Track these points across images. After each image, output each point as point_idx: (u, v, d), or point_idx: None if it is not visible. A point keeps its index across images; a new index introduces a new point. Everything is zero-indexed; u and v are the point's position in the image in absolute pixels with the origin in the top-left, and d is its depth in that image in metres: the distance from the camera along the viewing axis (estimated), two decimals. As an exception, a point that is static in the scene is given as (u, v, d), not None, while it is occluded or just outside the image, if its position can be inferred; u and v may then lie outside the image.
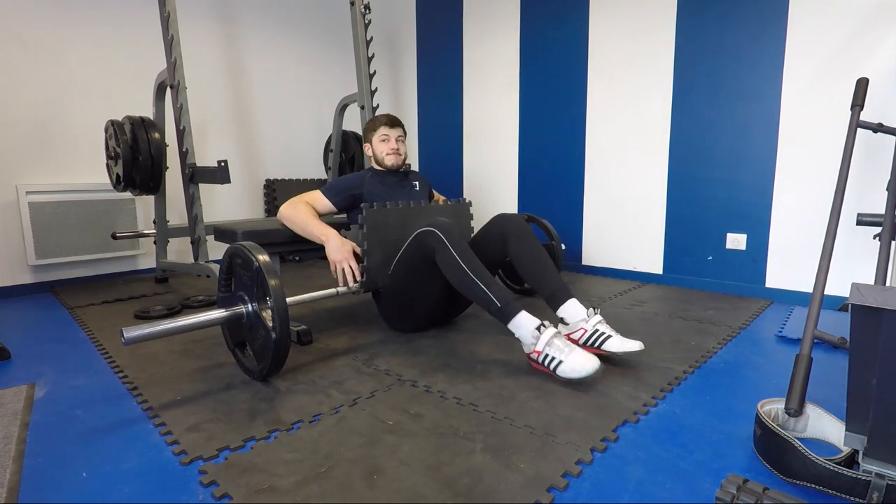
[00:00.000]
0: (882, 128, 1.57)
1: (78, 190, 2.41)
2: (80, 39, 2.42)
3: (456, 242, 1.42)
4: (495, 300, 1.35)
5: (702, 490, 0.86)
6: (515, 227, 1.65)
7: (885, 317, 0.68)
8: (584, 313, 1.49)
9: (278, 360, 1.25)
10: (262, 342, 1.27)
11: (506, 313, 1.35)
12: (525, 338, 1.35)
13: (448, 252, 1.41)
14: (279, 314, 1.20)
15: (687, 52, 2.28)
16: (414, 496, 0.84)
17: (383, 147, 1.88)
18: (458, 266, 1.40)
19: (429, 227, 1.47)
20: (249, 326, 1.32)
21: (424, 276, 1.54)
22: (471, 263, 1.40)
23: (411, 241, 1.54)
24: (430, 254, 1.46)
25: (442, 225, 1.46)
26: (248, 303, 1.31)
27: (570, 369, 1.25)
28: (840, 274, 1.92)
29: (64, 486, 0.90)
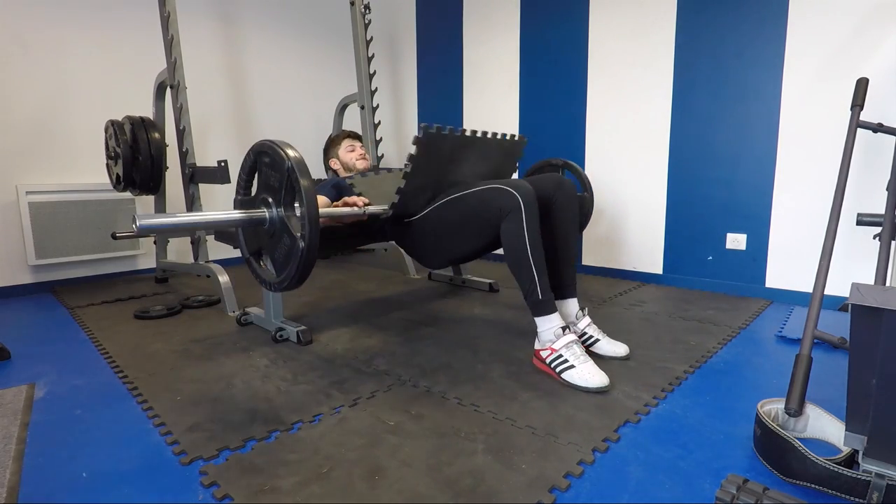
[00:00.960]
0: (882, 128, 1.57)
1: (78, 190, 2.41)
2: (80, 39, 2.42)
3: (531, 217, 1.34)
4: (539, 291, 1.34)
5: (702, 490, 0.86)
6: (566, 200, 1.54)
7: (885, 317, 0.68)
8: (574, 314, 1.52)
9: (303, 272, 1.13)
10: (286, 251, 1.15)
11: (543, 306, 1.35)
12: (546, 334, 1.34)
13: (520, 226, 1.33)
14: (310, 221, 1.08)
15: (687, 51, 2.29)
16: (415, 497, 0.84)
17: (352, 155, 2.06)
18: (523, 244, 1.33)
19: (511, 187, 1.36)
20: (272, 233, 1.19)
21: (478, 229, 1.44)
22: (534, 246, 1.33)
23: (481, 192, 1.42)
24: (498, 215, 1.37)
25: (526, 192, 1.35)
26: (272, 207, 1.19)
27: (578, 377, 1.25)
28: (840, 274, 1.92)
29: (64, 486, 0.89)
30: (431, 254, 1.65)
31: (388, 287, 2.43)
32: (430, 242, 1.60)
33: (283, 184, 1.17)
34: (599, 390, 1.23)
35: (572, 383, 1.26)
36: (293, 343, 1.61)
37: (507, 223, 1.35)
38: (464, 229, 1.49)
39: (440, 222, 1.54)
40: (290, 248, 1.15)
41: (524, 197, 1.34)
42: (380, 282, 2.56)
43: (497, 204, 1.36)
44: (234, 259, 2.99)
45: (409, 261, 2.72)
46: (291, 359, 1.48)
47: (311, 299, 2.20)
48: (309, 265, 1.14)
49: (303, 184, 1.12)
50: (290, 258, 1.15)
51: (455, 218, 1.50)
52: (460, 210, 1.48)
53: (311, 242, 1.11)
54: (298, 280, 1.17)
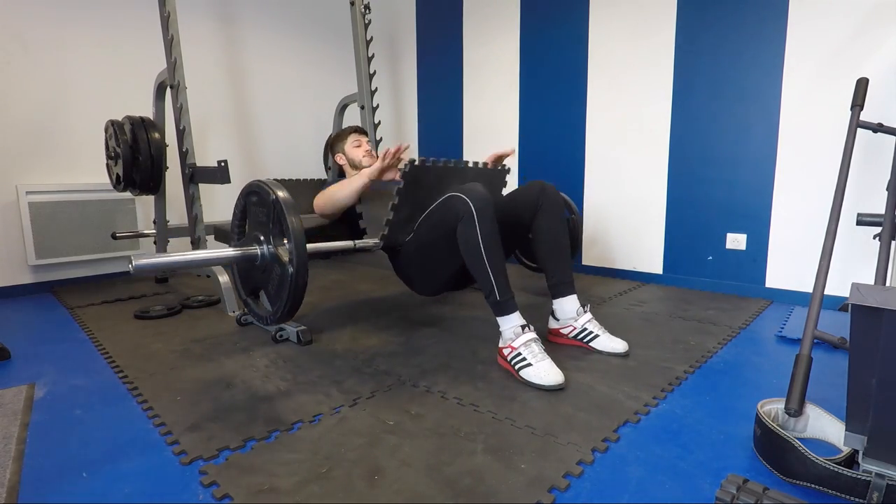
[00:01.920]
0: (882, 128, 1.57)
1: (78, 190, 2.41)
2: (80, 39, 2.42)
3: (484, 219, 1.35)
4: (497, 292, 1.35)
5: (702, 490, 0.86)
6: (551, 204, 1.59)
7: (885, 317, 0.68)
8: (575, 311, 1.54)
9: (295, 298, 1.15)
10: (277, 282, 1.19)
11: (502, 307, 1.36)
12: (506, 332, 1.36)
13: (472, 229, 1.35)
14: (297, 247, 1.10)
15: (687, 52, 2.29)
16: (415, 497, 0.84)
17: (358, 151, 2.03)
18: (476, 246, 1.35)
19: (464, 193, 1.38)
20: (263, 268, 1.23)
21: (447, 239, 1.46)
22: (489, 248, 1.35)
23: (442, 202, 1.46)
24: (455, 220, 1.39)
25: (478, 196, 1.37)
26: (263, 244, 1.22)
27: (534, 374, 1.26)
28: (840, 274, 1.92)
29: (64, 486, 0.89)
30: (422, 280, 1.68)
31: (388, 287, 2.43)
32: (417, 267, 1.64)
33: (270, 217, 1.21)
34: (553, 388, 1.24)
35: (528, 381, 1.27)
36: (293, 343, 1.61)
37: (461, 227, 1.38)
38: (437, 245, 1.51)
39: (419, 243, 1.56)
40: (281, 277, 1.18)
41: (475, 201, 1.36)
42: (380, 282, 2.56)
43: (453, 211, 1.39)
44: (234, 259, 2.99)
45: (409, 261, 2.72)
46: (291, 359, 1.48)
47: (311, 299, 2.20)
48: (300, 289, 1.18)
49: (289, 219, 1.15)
50: (282, 287, 1.18)
51: (428, 235, 1.53)
52: (430, 226, 1.51)
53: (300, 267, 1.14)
54: (290, 308, 1.20)
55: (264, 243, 1.22)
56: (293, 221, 1.15)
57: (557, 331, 1.59)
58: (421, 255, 1.57)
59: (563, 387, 1.25)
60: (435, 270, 1.60)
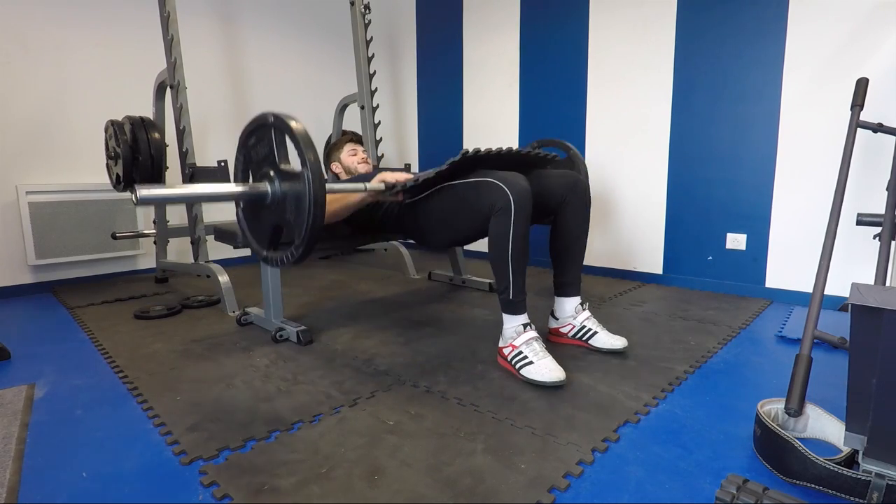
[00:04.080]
0: (882, 128, 1.57)
1: (78, 190, 2.41)
2: (80, 39, 2.42)
3: (520, 217, 1.30)
4: (512, 291, 1.35)
5: (702, 490, 0.86)
6: (578, 201, 1.54)
7: (885, 317, 0.68)
8: (574, 309, 1.55)
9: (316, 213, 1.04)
10: (294, 205, 1.09)
11: (512, 306, 1.36)
12: (508, 331, 1.37)
13: (507, 225, 1.30)
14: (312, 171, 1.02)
15: (687, 51, 2.28)
16: (415, 497, 0.84)
17: (354, 159, 2.04)
18: (505, 244, 1.31)
19: (505, 183, 1.32)
20: (274, 206, 1.15)
21: (472, 216, 1.41)
22: (516, 248, 1.32)
23: (478, 183, 1.39)
24: (488, 208, 1.34)
25: (519, 190, 1.31)
26: (274, 180, 1.15)
27: (536, 372, 1.26)
28: (840, 274, 1.92)
29: (64, 486, 0.89)
30: (430, 235, 1.61)
31: (388, 287, 2.43)
32: (431, 225, 1.58)
33: (272, 147, 1.13)
34: (555, 385, 1.24)
35: (530, 378, 1.27)
36: (293, 343, 1.61)
37: (496, 220, 1.33)
38: (458, 217, 1.46)
39: (438, 207, 1.51)
40: (297, 200, 1.07)
41: (516, 196, 1.30)
42: (380, 282, 2.56)
43: (489, 199, 1.33)
44: (234, 259, 2.99)
45: (408, 261, 2.72)
46: (291, 359, 1.48)
47: (311, 299, 2.20)
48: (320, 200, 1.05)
49: (292, 125, 1.07)
50: (300, 211, 1.07)
51: (451, 205, 1.47)
52: (457, 197, 1.45)
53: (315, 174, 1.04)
54: (313, 225, 1.06)
55: (275, 178, 1.14)
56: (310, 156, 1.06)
57: (557, 330, 1.59)
58: (438, 217, 1.52)
59: (564, 384, 1.25)
60: (446, 232, 1.54)
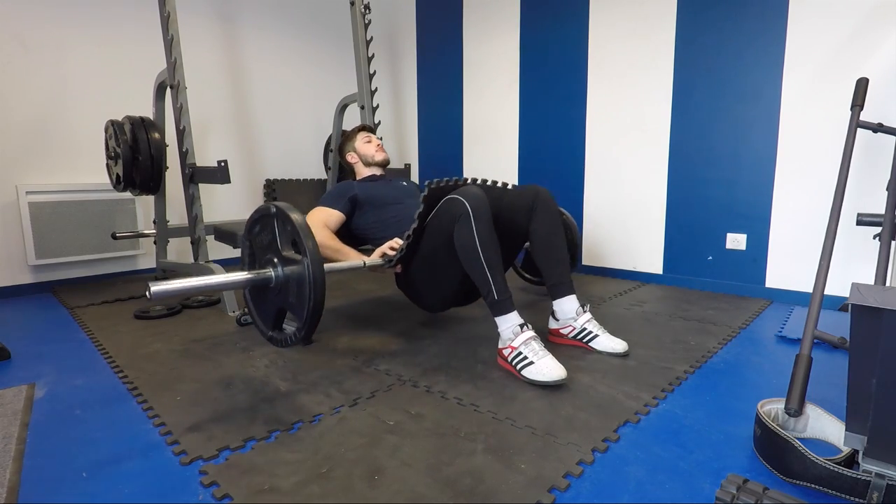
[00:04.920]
0: (882, 128, 1.57)
1: (78, 190, 2.41)
2: (80, 39, 2.42)
3: (481, 219, 1.35)
4: (494, 290, 1.35)
5: (702, 490, 0.86)
6: (545, 206, 1.59)
7: (885, 317, 0.68)
8: (574, 311, 1.54)
9: (317, 300, 1.11)
10: (296, 288, 1.16)
11: (500, 306, 1.36)
12: (505, 332, 1.36)
13: (469, 229, 1.34)
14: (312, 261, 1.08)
15: (687, 51, 2.29)
16: (415, 497, 0.84)
17: (369, 147, 1.99)
18: (473, 246, 1.34)
19: (459, 194, 1.38)
20: (279, 289, 1.21)
21: (447, 245, 1.43)
22: (486, 248, 1.34)
23: (439, 207, 1.44)
24: (452, 222, 1.38)
25: (473, 195, 1.37)
26: (277, 266, 1.22)
27: (537, 372, 1.26)
28: (840, 274, 1.92)
29: (64, 486, 0.89)
30: (428, 292, 1.63)
31: (388, 287, 2.43)
32: (422, 279, 1.60)
33: (274, 235, 1.20)
34: (557, 384, 1.24)
35: (531, 379, 1.27)
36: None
37: (458, 229, 1.37)
38: (439, 252, 1.47)
39: (422, 253, 1.53)
40: (298, 284, 1.15)
41: (471, 201, 1.35)
42: (380, 282, 2.55)
43: (450, 214, 1.38)
44: (234, 259, 2.99)
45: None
46: (291, 359, 1.48)
47: (311, 299, 2.20)
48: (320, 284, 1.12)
49: (292, 217, 1.13)
50: (301, 296, 1.14)
51: (430, 243, 1.49)
52: (430, 233, 1.48)
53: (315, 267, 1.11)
54: (314, 308, 1.13)
55: (278, 265, 1.21)
56: (299, 223, 1.14)
57: (557, 331, 1.59)
58: (425, 265, 1.55)
59: (565, 382, 1.25)
60: (440, 281, 1.57)
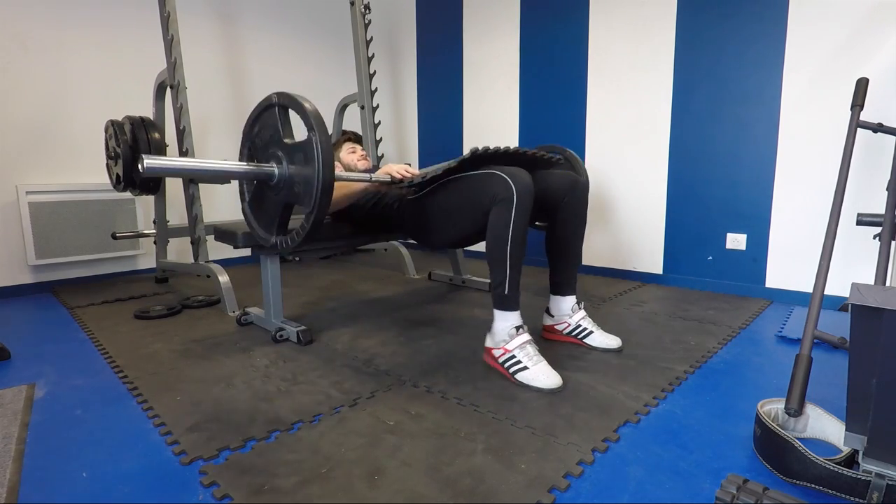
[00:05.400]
0: (882, 128, 1.57)
1: (78, 190, 2.41)
2: (80, 40, 2.42)
3: (521, 211, 1.29)
4: (507, 285, 1.32)
5: (702, 490, 0.86)
6: (576, 203, 1.54)
7: (885, 317, 0.68)
8: (570, 308, 1.56)
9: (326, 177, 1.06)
10: (302, 176, 1.11)
11: (506, 301, 1.34)
12: (500, 332, 1.34)
13: (507, 217, 1.29)
14: (315, 120, 1.06)
15: (687, 52, 2.28)
16: (415, 497, 0.84)
17: (353, 156, 2.03)
18: (505, 236, 1.30)
19: (509, 175, 1.31)
20: (283, 182, 1.16)
21: (473, 209, 1.40)
22: (516, 241, 1.30)
23: (481, 175, 1.38)
24: (490, 199, 1.32)
25: (522, 183, 1.30)
26: (280, 160, 1.17)
27: (532, 377, 1.26)
28: (840, 274, 1.92)
29: (64, 486, 0.89)
30: (432, 234, 1.60)
31: (388, 287, 2.43)
32: (432, 222, 1.57)
33: (277, 126, 1.14)
34: (552, 391, 1.23)
35: (525, 384, 1.26)
36: (293, 343, 1.61)
37: (496, 210, 1.31)
38: (460, 211, 1.45)
39: (441, 202, 1.50)
40: (306, 160, 1.08)
41: (518, 187, 1.29)
42: (380, 282, 2.56)
43: (491, 190, 1.32)
44: (234, 259, 2.99)
45: (408, 261, 2.72)
46: (291, 359, 1.48)
47: (311, 299, 2.20)
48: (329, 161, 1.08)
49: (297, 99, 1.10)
50: (308, 179, 1.08)
51: (454, 198, 1.46)
52: (460, 190, 1.44)
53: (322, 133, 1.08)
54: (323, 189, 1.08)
55: (282, 159, 1.15)
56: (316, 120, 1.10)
57: (552, 327, 1.60)
58: (442, 214, 1.51)
59: (560, 389, 1.25)
60: (447, 228, 1.53)
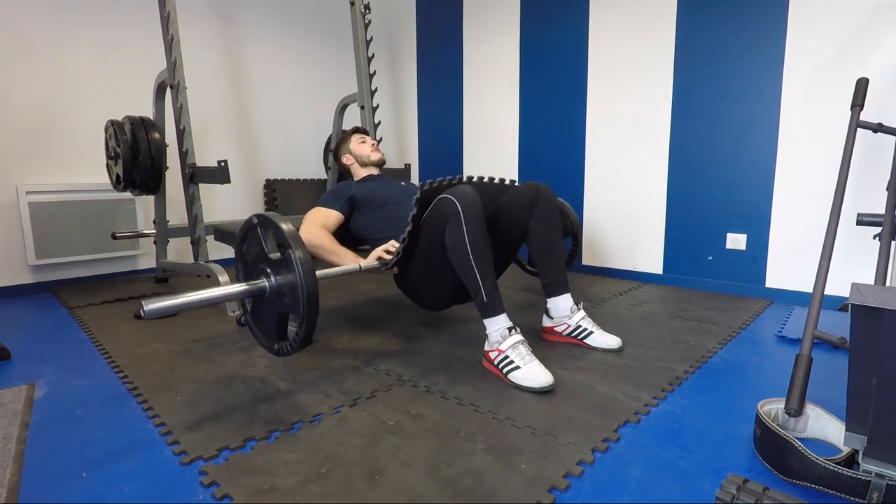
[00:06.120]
0: (882, 128, 1.57)
1: (78, 190, 2.41)
2: (80, 39, 2.41)
3: (471, 219, 1.32)
4: (483, 292, 1.33)
5: (702, 490, 0.86)
6: (545, 204, 1.57)
7: (885, 317, 0.68)
8: (569, 309, 1.56)
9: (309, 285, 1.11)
10: (288, 286, 1.16)
11: (488, 308, 1.34)
12: (493, 335, 1.35)
13: (459, 230, 1.32)
14: (304, 268, 1.09)
15: (687, 51, 2.28)
16: (415, 497, 0.84)
17: (364, 147, 1.98)
18: (464, 248, 1.32)
19: (451, 194, 1.35)
20: (275, 294, 1.21)
21: (441, 243, 1.41)
22: (476, 249, 1.32)
23: (432, 207, 1.41)
24: (444, 222, 1.36)
25: (464, 196, 1.34)
26: (268, 274, 1.22)
27: (523, 377, 1.26)
28: (840, 274, 1.92)
29: (64, 486, 0.89)
30: (426, 292, 1.62)
31: (389, 287, 2.43)
32: (420, 279, 1.58)
33: (261, 244, 1.20)
34: (543, 390, 1.23)
35: (517, 384, 1.26)
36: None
37: (449, 229, 1.34)
38: (434, 251, 1.45)
39: (418, 253, 1.50)
40: (291, 289, 1.14)
41: (462, 201, 1.32)
42: (380, 282, 2.55)
43: (441, 214, 1.36)
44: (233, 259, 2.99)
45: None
46: (291, 359, 1.48)
47: (311, 299, 2.19)
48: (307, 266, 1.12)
49: (271, 218, 1.14)
50: (294, 288, 1.14)
51: (425, 243, 1.47)
52: (424, 232, 1.45)
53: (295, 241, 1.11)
54: (309, 304, 1.14)
55: (271, 274, 1.21)
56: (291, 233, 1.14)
57: (552, 329, 1.60)
58: (422, 265, 1.53)
59: (552, 388, 1.24)
60: (437, 280, 1.55)
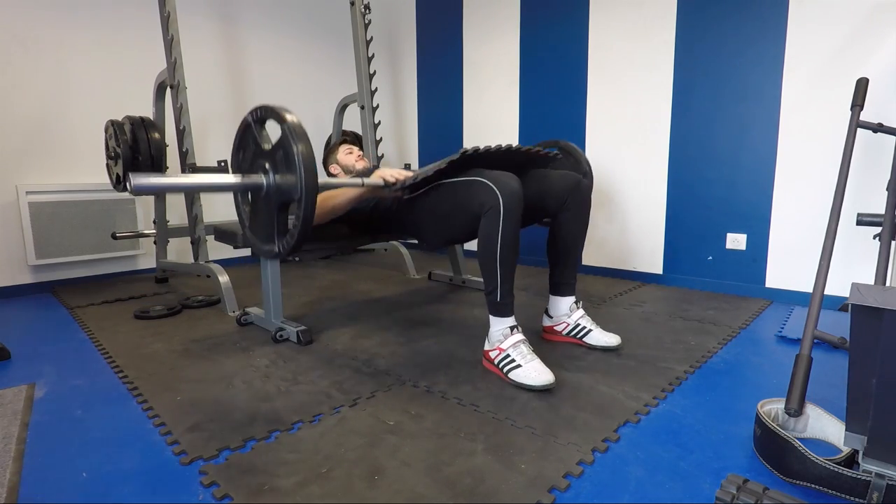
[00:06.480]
0: (882, 128, 1.57)
1: (78, 190, 2.41)
2: (80, 40, 2.41)
3: (510, 219, 1.29)
4: (499, 293, 1.34)
5: (702, 490, 0.86)
6: (578, 206, 1.54)
7: (885, 317, 0.68)
8: (568, 308, 1.57)
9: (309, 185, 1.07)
10: (287, 173, 1.13)
11: (499, 308, 1.35)
12: (495, 334, 1.36)
13: (495, 226, 1.29)
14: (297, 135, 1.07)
15: (687, 51, 2.28)
16: (415, 497, 0.84)
17: (351, 157, 2.02)
18: (494, 245, 1.30)
19: (495, 183, 1.31)
20: (273, 188, 1.18)
21: (462, 219, 1.41)
22: (505, 248, 1.30)
23: (468, 182, 1.38)
24: (478, 207, 1.33)
25: (509, 191, 1.30)
26: (266, 170, 1.18)
27: (523, 375, 1.26)
28: (840, 274, 1.92)
29: (64, 486, 0.89)
30: (427, 232, 1.61)
31: (388, 287, 2.43)
32: (425, 222, 1.57)
33: (257, 141, 1.16)
34: (544, 388, 1.23)
35: (518, 382, 1.26)
36: (293, 343, 1.61)
37: (485, 221, 1.32)
38: (452, 215, 1.45)
39: (434, 204, 1.50)
40: (287, 159, 1.11)
41: (506, 198, 1.29)
42: (380, 282, 2.56)
43: (479, 199, 1.33)
44: (234, 259, 2.99)
45: (408, 261, 2.72)
46: (291, 359, 1.48)
47: (311, 299, 2.20)
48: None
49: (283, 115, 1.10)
50: (291, 168, 1.10)
51: (445, 202, 1.46)
52: (451, 195, 1.44)
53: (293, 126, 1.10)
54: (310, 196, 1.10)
55: (270, 171, 1.16)
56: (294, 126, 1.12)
57: (551, 328, 1.60)
58: (434, 217, 1.52)
59: (553, 387, 1.24)
60: (442, 230, 1.53)
